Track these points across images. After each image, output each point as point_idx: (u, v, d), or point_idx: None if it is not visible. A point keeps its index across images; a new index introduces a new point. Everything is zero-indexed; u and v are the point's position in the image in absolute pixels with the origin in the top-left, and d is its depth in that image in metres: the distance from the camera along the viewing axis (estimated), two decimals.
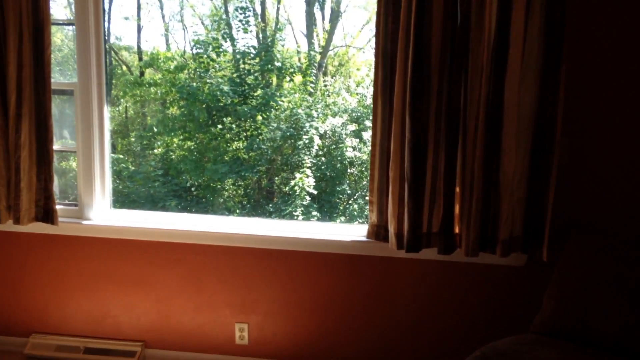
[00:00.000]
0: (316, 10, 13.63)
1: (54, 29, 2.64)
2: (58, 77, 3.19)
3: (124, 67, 13.52)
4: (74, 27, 2.79)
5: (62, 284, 3.01)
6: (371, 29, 15.09)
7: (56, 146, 2.81)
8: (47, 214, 2.81)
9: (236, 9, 11.83)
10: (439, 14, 2.34)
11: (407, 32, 2.37)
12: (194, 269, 2.91)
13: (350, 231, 2.84)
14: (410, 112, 2.39)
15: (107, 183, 2.96)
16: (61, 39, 10.20)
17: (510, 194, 2.43)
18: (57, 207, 2.85)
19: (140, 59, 13.38)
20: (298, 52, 13.23)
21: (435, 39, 2.37)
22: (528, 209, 2.48)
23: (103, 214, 2.96)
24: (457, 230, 2.54)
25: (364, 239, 2.74)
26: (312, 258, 2.80)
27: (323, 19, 13.69)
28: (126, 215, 2.96)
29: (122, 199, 11.18)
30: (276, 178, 11.96)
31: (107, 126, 2.91)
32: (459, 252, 2.57)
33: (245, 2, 11.84)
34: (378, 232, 2.64)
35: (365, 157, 11.10)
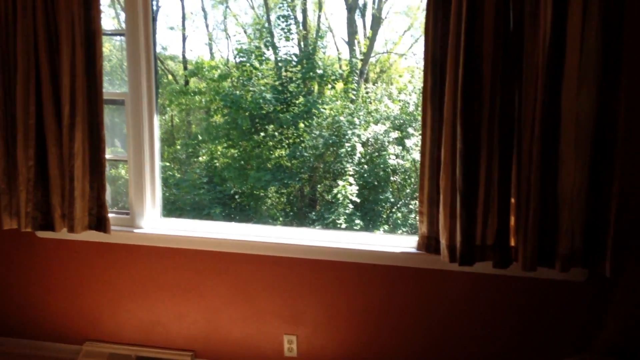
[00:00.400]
0: (357, 17, 13.64)
1: (102, 39, 2.68)
2: (107, 87, 3.25)
3: (170, 76, 13.80)
4: (122, 37, 2.83)
5: (114, 292, 3.05)
6: (413, 35, 14.95)
7: (108, 155, 2.84)
8: (99, 223, 2.85)
9: (278, 17, 11.93)
10: (491, 19, 2.27)
11: (458, 38, 2.31)
12: (242, 278, 2.89)
13: (400, 242, 2.78)
14: (461, 120, 2.31)
15: (157, 192, 2.98)
16: (109, 49, 10.49)
17: (570, 205, 2.32)
18: (109, 215, 2.88)
19: (185, 68, 13.64)
20: (339, 59, 13.25)
21: (487, 44, 2.29)
22: (589, 221, 2.36)
23: (153, 222, 2.98)
24: (512, 243, 2.45)
25: (414, 250, 2.67)
26: (361, 269, 2.75)
27: (364, 25, 13.67)
28: (176, 223, 2.98)
29: (168, 207, 11.37)
30: (318, 186, 11.96)
31: (157, 135, 2.94)
32: (515, 266, 2.47)
33: (287, 10, 11.93)
34: (429, 244, 2.57)
35: (407, 164, 10.99)
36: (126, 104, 2.89)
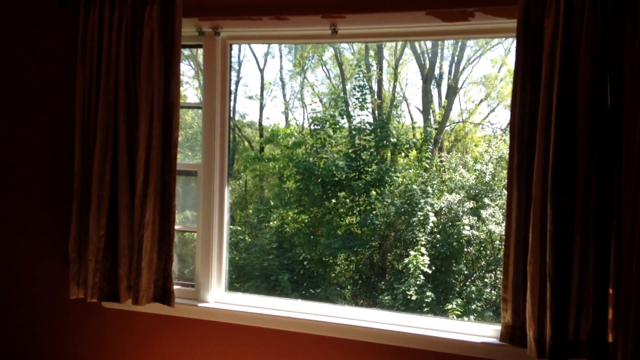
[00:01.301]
0: (432, 87, 13.68)
1: (181, 111, 2.70)
2: (187, 153, 3.31)
3: (246, 143, 14.23)
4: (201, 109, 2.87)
5: None
6: (490, 104, 14.82)
7: (177, 226, 2.81)
8: (164, 295, 2.80)
9: (354, 87, 12.14)
10: (585, 93, 2.09)
11: (548, 113, 2.14)
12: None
13: (479, 330, 2.53)
14: (552, 199, 2.11)
15: (224, 265, 2.91)
16: (192, 116, 10.97)
17: None
18: (174, 287, 2.82)
19: (261, 135, 14.05)
20: (413, 127, 13.23)
21: (581, 120, 2.11)
22: None
23: (218, 296, 2.90)
24: (610, 339, 2.16)
25: (496, 341, 2.42)
26: (436, 359, 2.51)
27: (440, 95, 13.68)
28: (241, 298, 2.87)
29: (237, 271, 11.43)
30: (389, 255, 11.70)
31: (227, 208, 2.90)
32: None
33: (363, 80, 12.12)
34: (513, 335, 2.31)
35: (482, 235, 10.58)
36: (199, 175, 2.88)
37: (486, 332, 2.48)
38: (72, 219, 2.81)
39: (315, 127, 11.84)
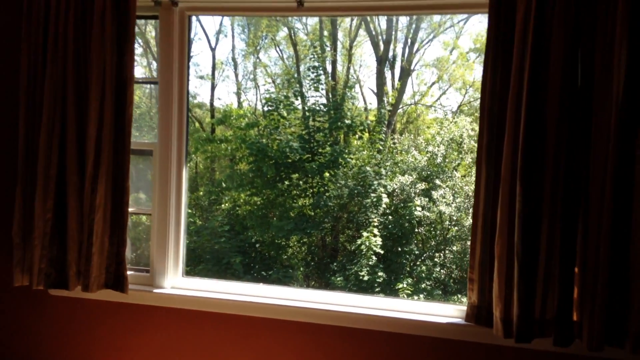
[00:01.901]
0: (386, 69, 13.67)
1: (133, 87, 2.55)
2: (134, 132, 3.06)
3: (197, 124, 13.90)
4: (152, 85, 2.71)
5: (129, 356, 2.80)
6: (441, 87, 14.96)
7: (130, 208, 2.66)
8: (117, 281, 2.65)
9: (308, 68, 12.00)
10: (557, 72, 2.06)
11: (519, 92, 2.10)
12: (270, 346, 2.63)
13: (443, 311, 2.50)
14: (521, 179, 2.08)
15: (181, 249, 2.78)
16: (139, 96, 10.59)
17: None
18: (128, 273, 2.67)
19: (213, 116, 13.74)
20: (365, 109, 13.20)
21: (551, 99, 2.08)
22: None
23: (175, 282, 2.77)
24: (575, 318, 2.17)
25: (462, 321, 2.40)
26: (401, 340, 2.47)
27: (392, 76, 13.70)
28: (199, 283, 2.75)
29: (188, 254, 11.21)
30: (341, 236, 11.73)
31: (185, 189, 2.76)
32: (578, 344, 2.18)
33: (317, 61, 11.99)
34: (479, 315, 2.29)
35: (432, 216, 10.72)
36: (154, 154, 2.73)
37: (451, 312, 2.46)
38: (16, 202, 2.61)
39: (269, 108, 11.67)
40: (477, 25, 14.12)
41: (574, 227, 2.12)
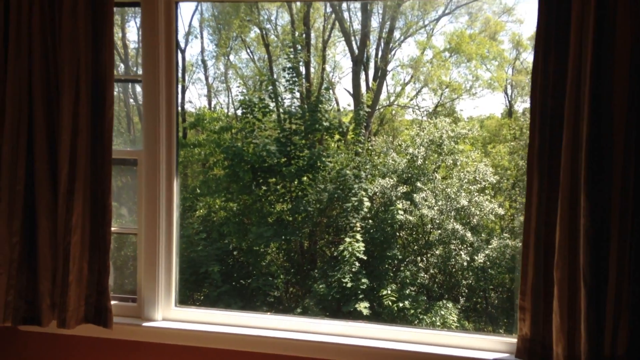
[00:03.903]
0: (361, 69, 13.39)
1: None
2: None
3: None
4: (121, 84, 2.32)
5: None
6: (416, 87, 14.77)
7: (113, 227, 2.26)
8: (98, 314, 2.25)
9: (283, 69, 11.66)
10: (625, 61, 1.76)
11: (579, 85, 1.80)
12: None
13: (488, 345, 2.14)
14: (586, 190, 1.77)
15: (174, 274, 2.39)
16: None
17: None
18: (111, 303, 2.27)
19: (184, 120, 13.25)
20: (338, 110, 12.85)
21: (618, 92, 1.77)
22: None
23: (168, 313, 2.37)
24: None
25: (512, 357, 2.05)
26: None
27: (367, 78, 13.42)
28: (196, 314, 2.36)
29: None
30: (320, 242, 11.41)
31: (177, 204, 2.37)
32: None
33: (291, 62, 11.65)
34: (532, 350, 1.96)
35: (414, 219, 10.48)
36: (139, 165, 2.33)
37: (497, 346, 2.12)
38: None
39: (244, 110, 11.28)
40: (449, 25, 14.04)
41: None
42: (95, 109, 2.16)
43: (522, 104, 14.92)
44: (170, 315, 2.38)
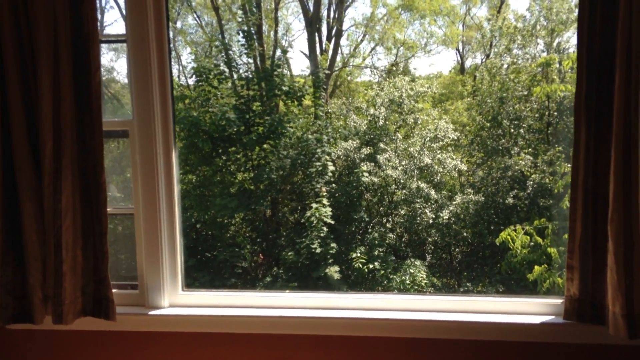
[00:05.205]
0: (316, 30, 13.05)
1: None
2: None
3: (115, 102, 12.76)
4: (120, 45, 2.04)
5: None
6: (371, 47, 14.58)
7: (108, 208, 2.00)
8: (98, 305, 2.00)
9: (237, 32, 11.20)
10: None
11: (629, 17, 1.64)
12: None
13: (531, 308, 2.00)
14: None
15: (179, 256, 2.15)
16: None
17: None
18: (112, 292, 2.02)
19: None
20: (291, 74, 12.52)
21: None
22: None
23: (175, 298, 2.14)
24: None
25: (559, 320, 1.93)
26: (483, 349, 1.97)
27: (320, 39, 13.11)
28: (206, 298, 2.14)
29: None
30: (284, 209, 11.24)
31: (176, 178, 2.12)
32: None
33: (245, 25, 11.20)
34: (582, 311, 1.84)
35: (377, 180, 10.41)
36: (131, 136, 2.06)
37: (542, 309, 2.00)
38: None
39: (197, 79, 10.80)
40: None
41: None
42: (80, 72, 1.88)
43: (473, 60, 15.03)
44: (178, 300, 2.16)
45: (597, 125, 1.74)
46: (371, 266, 9.63)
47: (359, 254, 9.75)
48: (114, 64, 12.30)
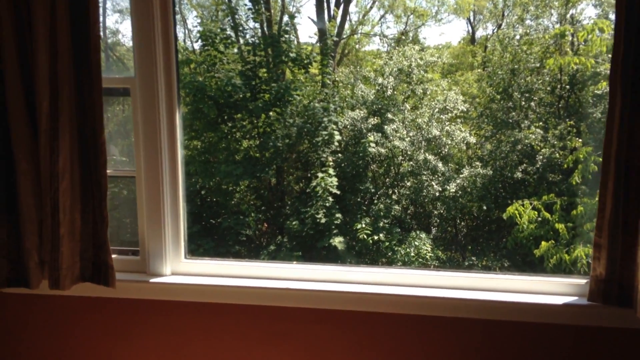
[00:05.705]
0: None
1: None
2: None
3: (120, 65, 12.61)
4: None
5: None
6: (381, 14, 14.25)
7: (108, 170, 1.90)
8: (97, 271, 1.92)
9: None
10: None
11: None
12: (314, 344, 2.00)
13: (554, 287, 1.91)
14: None
15: (182, 221, 2.06)
16: None
17: None
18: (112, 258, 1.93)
19: None
20: (298, 42, 12.28)
21: None
22: None
23: (177, 266, 2.05)
24: None
25: (584, 301, 1.83)
26: (501, 330, 1.88)
27: (328, 6, 12.81)
28: (210, 267, 2.06)
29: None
30: (289, 177, 11.15)
31: (180, 139, 2.01)
32: None
33: None
34: (608, 292, 1.74)
35: (384, 151, 10.27)
36: (133, 95, 1.94)
37: (565, 289, 1.90)
38: None
39: (203, 43, 10.60)
40: None
41: None
42: (77, 23, 1.75)
43: (485, 30, 14.70)
44: (180, 268, 2.07)
45: (633, 94, 1.61)
46: (376, 237, 9.58)
47: (364, 225, 9.69)
48: (119, 25, 12.12)
